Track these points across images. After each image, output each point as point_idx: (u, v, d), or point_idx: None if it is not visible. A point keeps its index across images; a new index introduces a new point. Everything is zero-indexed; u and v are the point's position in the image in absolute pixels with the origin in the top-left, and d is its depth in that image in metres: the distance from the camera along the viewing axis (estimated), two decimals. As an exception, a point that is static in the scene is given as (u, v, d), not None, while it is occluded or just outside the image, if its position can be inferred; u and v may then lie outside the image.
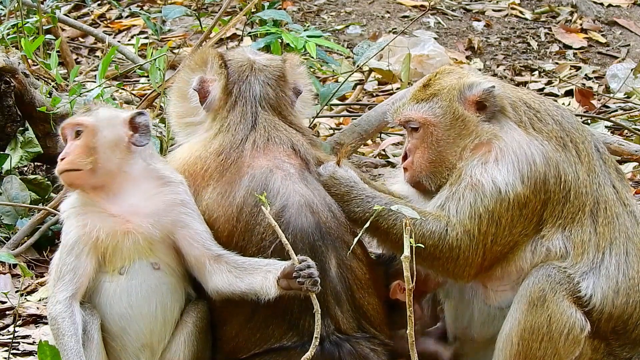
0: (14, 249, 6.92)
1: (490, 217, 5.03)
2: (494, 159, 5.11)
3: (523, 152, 5.10)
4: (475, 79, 5.28)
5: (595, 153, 5.27)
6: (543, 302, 4.97)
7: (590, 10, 11.95)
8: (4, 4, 9.13)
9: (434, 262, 5.08)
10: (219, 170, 5.04)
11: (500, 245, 5.06)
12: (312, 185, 5.05)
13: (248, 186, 4.96)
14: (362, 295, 5.01)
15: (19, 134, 7.40)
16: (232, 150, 5.07)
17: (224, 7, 7.95)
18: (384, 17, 11.79)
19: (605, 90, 10.29)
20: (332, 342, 4.90)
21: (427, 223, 5.04)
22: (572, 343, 4.99)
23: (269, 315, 4.88)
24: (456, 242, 5.02)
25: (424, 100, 5.25)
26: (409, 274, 4.30)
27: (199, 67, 5.36)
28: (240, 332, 4.92)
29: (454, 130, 5.20)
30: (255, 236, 4.90)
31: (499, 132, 5.16)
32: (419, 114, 5.24)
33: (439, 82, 5.29)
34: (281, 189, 4.95)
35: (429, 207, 5.17)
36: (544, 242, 5.08)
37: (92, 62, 10.90)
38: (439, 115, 5.21)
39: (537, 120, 5.21)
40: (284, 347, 4.89)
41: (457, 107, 5.20)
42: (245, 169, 5.01)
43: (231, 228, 4.93)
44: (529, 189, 5.07)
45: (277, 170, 5.01)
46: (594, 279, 5.04)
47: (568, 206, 5.10)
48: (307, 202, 4.96)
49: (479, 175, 5.07)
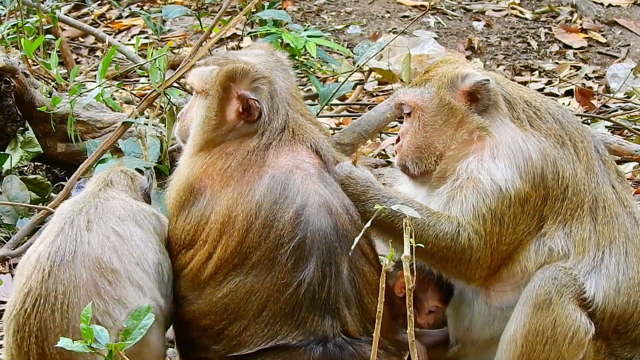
0: (14, 248, 6.92)
1: (493, 215, 5.04)
2: (489, 155, 5.12)
3: (518, 147, 5.11)
4: (470, 70, 5.30)
5: (594, 153, 5.27)
6: (549, 305, 4.96)
7: (590, 10, 11.95)
8: (4, 3, 9.14)
9: (447, 264, 5.09)
10: (240, 170, 5.03)
11: (505, 245, 5.06)
12: (331, 186, 5.06)
13: (268, 185, 4.96)
14: (370, 300, 5.01)
15: (19, 134, 7.41)
16: (260, 151, 5.07)
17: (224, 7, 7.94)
18: (384, 17, 11.79)
19: (605, 90, 10.28)
20: (336, 344, 4.89)
21: (440, 224, 5.05)
22: (576, 346, 4.99)
23: (277, 312, 4.89)
24: (468, 243, 5.03)
25: (418, 85, 5.34)
26: (409, 274, 4.30)
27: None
28: (247, 327, 4.93)
29: (440, 116, 5.23)
30: (274, 232, 4.90)
31: (489, 127, 5.17)
32: (409, 97, 5.31)
33: (436, 70, 5.36)
34: (301, 189, 4.95)
35: (434, 207, 5.17)
36: (546, 240, 5.08)
37: (92, 62, 10.90)
38: (427, 100, 5.26)
39: (536, 118, 5.22)
40: (289, 346, 4.89)
41: (444, 94, 5.24)
42: (266, 169, 5.01)
43: (249, 225, 4.92)
44: (528, 184, 5.07)
45: (297, 170, 5.01)
46: (595, 278, 5.04)
47: (567, 202, 5.10)
48: (325, 203, 4.96)
49: (477, 174, 5.08)
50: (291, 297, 4.86)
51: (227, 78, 5.13)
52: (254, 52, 5.39)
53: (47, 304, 4.68)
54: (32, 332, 4.68)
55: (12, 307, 4.75)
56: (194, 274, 5.04)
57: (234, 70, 5.13)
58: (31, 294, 4.70)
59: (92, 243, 4.81)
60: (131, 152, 7.03)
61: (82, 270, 4.73)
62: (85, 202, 5.02)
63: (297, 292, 4.87)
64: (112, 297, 4.70)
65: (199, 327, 5.03)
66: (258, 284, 4.91)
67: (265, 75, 5.17)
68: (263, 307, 4.91)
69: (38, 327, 4.67)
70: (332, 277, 4.90)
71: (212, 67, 5.24)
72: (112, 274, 4.78)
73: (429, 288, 5.32)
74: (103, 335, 4.16)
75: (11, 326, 4.72)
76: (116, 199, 5.10)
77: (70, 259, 4.74)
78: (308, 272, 4.88)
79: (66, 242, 4.80)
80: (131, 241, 4.94)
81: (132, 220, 5.02)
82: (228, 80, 5.13)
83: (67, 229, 4.85)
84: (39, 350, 4.68)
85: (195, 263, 5.04)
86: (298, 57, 8.25)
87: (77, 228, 4.85)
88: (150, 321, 4.21)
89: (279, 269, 4.89)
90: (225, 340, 4.98)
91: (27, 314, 4.68)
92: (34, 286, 4.71)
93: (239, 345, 4.95)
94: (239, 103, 5.12)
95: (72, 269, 4.73)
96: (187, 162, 5.22)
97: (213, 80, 5.16)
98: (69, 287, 4.68)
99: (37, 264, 4.75)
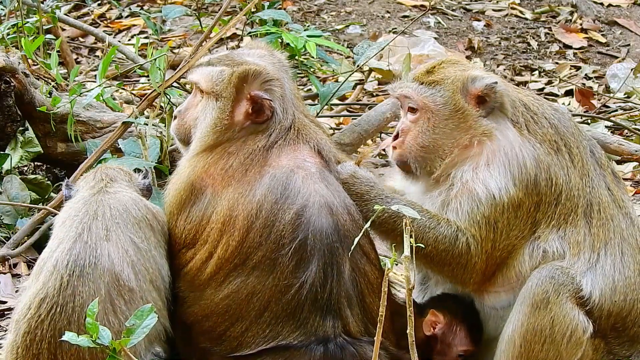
0: (14, 248, 6.92)
1: (487, 222, 5.04)
2: (484, 163, 5.11)
3: (514, 154, 5.11)
4: (479, 72, 5.28)
5: (589, 158, 5.27)
6: (546, 305, 4.97)
7: (590, 10, 11.96)
8: (4, 3, 9.14)
9: (444, 268, 5.10)
10: (241, 170, 5.03)
11: (499, 250, 5.07)
12: (332, 186, 5.05)
13: (269, 184, 4.96)
14: (372, 299, 5.01)
15: (19, 134, 7.40)
16: (263, 151, 5.07)
17: (224, 7, 7.93)
18: (384, 17, 11.79)
19: (605, 90, 10.29)
20: (337, 344, 4.89)
21: (440, 227, 5.04)
22: (574, 345, 4.99)
23: (279, 313, 4.89)
24: (466, 247, 5.03)
25: (427, 85, 5.25)
26: (409, 274, 4.29)
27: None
28: (249, 328, 4.93)
29: (452, 121, 5.20)
30: (274, 233, 4.90)
31: (494, 130, 5.16)
32: (419, 96, 5.24)
33: (443, 71, 5.28)
34: (302, 189, 4.95)
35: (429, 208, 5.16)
36: (540, 243, 5.08)
37: (92, 62, 10.90)
38: (439, 104, 5.21)
39: (533, 123, 5.21)
40: (291, 346, 4.89)
41: (459, 99, 5.20)
42: (267, 168, 5.01)
43: (249, 224, 4.92)
44: (521, 191, 5.07)
45: (298, 169, 5.01)
46: (592, 277, 5.06)
47: (560, 208, 5.11)
48: (327, 203, 4.96)
49: (472, 182, 5.07)
50: (293, 298, 4.86)
51: (240, 80, 5.13)
52: (256, 53, 5.36)
53: (64, 313, 4.69)
54: (44, 337, 4.68)
55: (26, 309, 4.74)
56: (194, 274, 5.04)
57: (246, 72, 5.13)
58: (47, 300, 4.70)
59: (112, 257, 4.80)
60: (131, 152, 7.03)
61: (101, 285, 4.73)
62: (98, 202, 4.99)
63: (299, 293, 4.87)
64: (126, 317, 4.65)
65: (202, 330, 5.02)
66: (260, 284, 4.91)
67: (276, 76, 5.18)
68: (265, 308, 4.90)
69: (52, 334, 4.68)
70: (333, 277, 4.89)
71: (221, 67, 5.21)
72: (129, 293, 4.78)
73: (458, 332, 5.27)
74: (105, 335, 4.15)
75: (21, 328, 4.72)
76: (125, 194, 5.07)
77: (90, 272, 4.74)
78: (310, 273, 4.88)
79: (86, 252, 4.78)
80: (148, 253, 4.94)
81: (145, 223, 5.01)
82: (241, 81, 5.13)
83: (86, 236, 4.83)
84: (50, 356, 4.68)
85: (195, 262, 5.04)
86: (298, 57, 8.24)
87: (97, 237, 4.83)
88: (153, 321, 4.21)
89: (280, 270, 4.89)
90: (227, 341, 4.98)
91: (41, 319, 4.69)
92: (51, 293, 4.70)
93: (240, 345, 4.95)
94: (250, 104, 5.12)
95: (91, 282, 4.73)
96: (188, 162, 5.21)
97: (226, 82, 5.15)
98: (87, 301, 4.67)
99: (55, 270, 4.75)
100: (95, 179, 5.17)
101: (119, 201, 5.01)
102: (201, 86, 5.27)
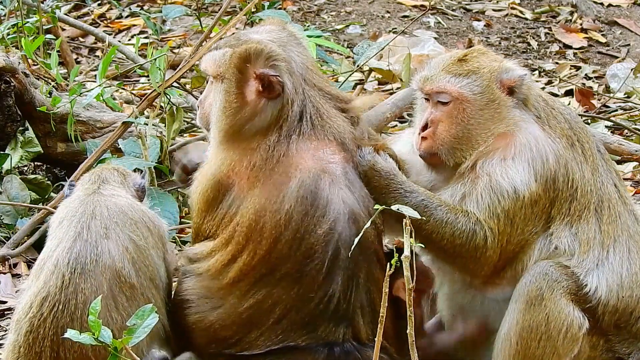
0: (14, 248, 6.92)
1: (506, 216, 5.04)
2: (511, 156, 5.10)
3: (539, 149, 5.10)
4: (510, 64, 5.29)
5: (597, 153, 5.29)
6: (541, 301, 4.97)
7: (590, 10, 11.96)
8: (4, 3, 9.15)
9: (457, 260, 5.09)
10: (265, 170, 4.92)
11: (513, 245, 5.07)
12: (356, 190, 4.97)
13: (297, 194, 4.85)
14: None
15: (19, 133, 7.41)
16: (281, 145, 4.94)
17: (224, 7, 7.94)
18: (384, 17, 11.79)
19: (605, 90, 10.28)
20: (343, 349, 4.87)
21: (458, 222, 5.02)
22: (570, 341, 4.99)
23: (297, 321, 4.85)
24: (483, 241, 5.02)
25: (462, 75, 5.20)
26: (409, 274, 4.29)
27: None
28: (263, 334, 4.89)
29: (487, 111, 5.18)
30: (305, 245, 4.82)
31: (521, 122, 5.16)
32: (454, 87, 5.18)
33: (478, 60, 5.26)
34: (331, 198, 4.86)
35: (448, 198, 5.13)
36: (553, 239, 5.10)
37: (92, 61, 10.90)
38: (477, 93, 5.18)
39: (552, 117, 5.23)
40: (298, 347, 4.86)
41: (495, 89, 5.18)
42: (293, 171, 4.89)
43: (278, 235, 4.83)
44: (540, 186, 5.08)
45: (324, 174, 4.90)
46: (599, 273, 5.06)
47: (575, 204, 5.11)
48: (352, 212, 4.89)
49: (497, 175, 5.06)
50: (316, 307, 4.82)
51: (241, 60, 5.01)
52: (265, 29, 5.25)
53: (66, 311, 4.68)
54: (46, 336, 4.68)
55: (28, 308, 4.73)
56: (214, 276, 4.95)
57: (247, 51, 5.00)
58: (49, 299, 4.69)
59: (113, 253, 4.80)
60: (131, 152, 7.04)
61: (103, 282, 4.73)
62: (94, 202, 4.98)
63: (323, 303, 4.82)
64: (128, 314, 4.64)
65: (216, 338, 4.96)
66: (285, 295, 4.84)
67: (281, 51, 5.04)
68: (284, 316, 4.86)
69: (54, 332, 4.67)
70: (353, 288, 4.87)
71: (224, 50, 5.12)
72: (130, 290, 4.78)
73: None
74: (107, 335, 4.16)
75: (24, 327, 4.72)
76: (121, 197, 5.07)
77: (91, 269, 4.73)
78: (336, 286, 4.84)
79: (86, 250, 4.78)
80: (146, 252, 4.92)
81: (142, 224, 4.99)
82: (243, 61, 5.00)
83: (85, 234, 4.83)
84: (53, 354, 4.68)
85: (216, 263, 4.94)
86: (298, 57, 8.23)
87: (97, 235, 4.82)
88: (154, 321, 4.21)
89: (307, 282, 4.83)
90: (239, 345, 4.93)
91: (44, 318, 4.68)
92: (53, 291, 4.70)
93: (249, 347, 4.91)
94: (258, 82, 4.99)
95: (93, 278, 4.72)
96: (214, 155, 5.10)
97: (227, 63, 5.04)
98: (90, 297, 4.66)
99: (56, 269, 4.74)
100: (90, 181, 5.18)
101: (114, 203, 5.00)
102: (208, 71, 5.19)
